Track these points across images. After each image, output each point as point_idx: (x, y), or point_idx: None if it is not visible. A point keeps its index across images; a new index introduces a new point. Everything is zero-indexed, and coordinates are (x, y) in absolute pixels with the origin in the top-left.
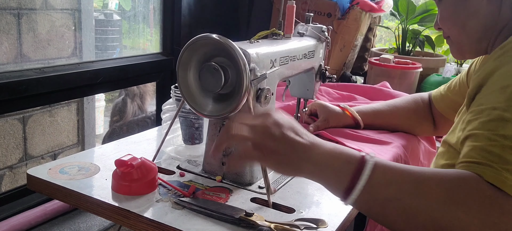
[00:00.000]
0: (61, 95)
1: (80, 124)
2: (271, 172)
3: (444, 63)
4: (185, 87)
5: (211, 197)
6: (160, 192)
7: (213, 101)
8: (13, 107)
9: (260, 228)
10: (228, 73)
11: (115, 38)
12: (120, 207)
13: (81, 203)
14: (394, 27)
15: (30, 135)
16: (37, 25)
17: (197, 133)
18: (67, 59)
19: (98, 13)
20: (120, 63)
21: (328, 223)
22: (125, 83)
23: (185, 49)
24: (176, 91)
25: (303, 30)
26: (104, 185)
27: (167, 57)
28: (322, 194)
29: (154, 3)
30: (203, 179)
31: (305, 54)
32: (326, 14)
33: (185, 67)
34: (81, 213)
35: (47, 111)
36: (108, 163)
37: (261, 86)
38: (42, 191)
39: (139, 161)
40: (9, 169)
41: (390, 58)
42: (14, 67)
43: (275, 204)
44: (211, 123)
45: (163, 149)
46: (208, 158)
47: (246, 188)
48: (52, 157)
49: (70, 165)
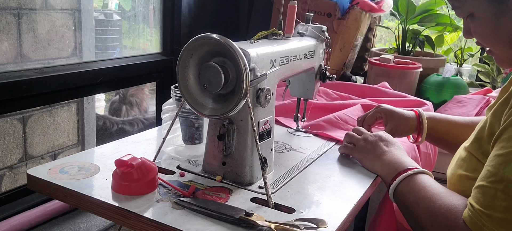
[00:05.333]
0: (61, 95)
1: (80, 124)
2: (271, 173)
3: (444, 63)
4: (185, 87)
5: (211, 197)
6: (160, 192)
7: (213, 101)
8: (13, 107)
9: (260, 228)
10: (228, 73)
11: (115, 38)
12: (120, 207)
13: (81, 203)
14: (394, 27)
15: (30, 135)
16: (37, 25)
17: (197, 133)
18: (67, 59)
19: (98, 13)
20: (120, 63)
21: (328, 223)
22: (125, 83)
23: (185, 49)
24: (176, 91)
25: (303, 30)
26: (104, 185)
27: (167, 57)
28: (322, 194)
29: (154, 3)
30: (203, 179)
31: (305, 54)
32: (326, 14)
33: (185, 67)
34: (81, 213)
35: (47, 111)
36: (108, 163)
37: (261, 86)
38: (42, 191)
39: (139, 161)
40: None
41: (390, 58)
42: (14, 67)
43: (275, 204)
44: (211, 123)
45: (163, 149)
46: (208, 158)
47: (246, 188)
48: (52, 157)
49: (70, 165)
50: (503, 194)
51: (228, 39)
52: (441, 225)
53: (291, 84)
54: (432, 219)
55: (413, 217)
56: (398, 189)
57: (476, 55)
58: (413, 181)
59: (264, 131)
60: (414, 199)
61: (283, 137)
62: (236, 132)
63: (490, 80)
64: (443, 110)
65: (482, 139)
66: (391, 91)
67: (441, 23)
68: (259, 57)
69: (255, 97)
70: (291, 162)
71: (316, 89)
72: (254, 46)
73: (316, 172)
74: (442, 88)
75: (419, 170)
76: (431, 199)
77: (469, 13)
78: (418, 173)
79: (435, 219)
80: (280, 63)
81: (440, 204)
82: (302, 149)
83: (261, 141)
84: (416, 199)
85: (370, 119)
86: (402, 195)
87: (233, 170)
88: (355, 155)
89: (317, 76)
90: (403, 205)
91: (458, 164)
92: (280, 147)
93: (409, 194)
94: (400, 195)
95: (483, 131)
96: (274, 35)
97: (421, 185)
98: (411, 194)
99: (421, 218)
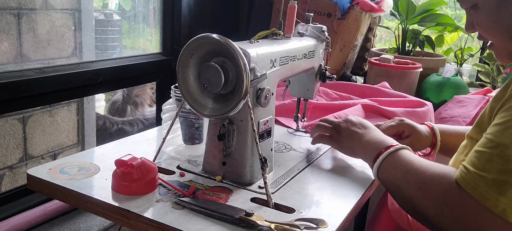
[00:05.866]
0: (61, 95)
1: (80, 124)
2: (271, 173)
3: (444, 63)
4: (185, 87)
5: (211, 197)
6: (160, 192)
7: (213, 101)
8: (13, 107)
9: (260, 228)
10: (228, 73)
11: (115, 38)
12: (120, 207)
13: (81, 203)
14: (394, 27)
15: (30, 135)
16: (37, 25)
17: (197, 133)
18: (67, 59)
19: (98, 13)
20: (120, 63)
21: (328, 223)
22: (125, 83)
23: (185, 49)
24: (176, 91)
25: (303, 30)
26: (104, 185)
27: (167, 57)
28: (322, 194)
29: (154, 3)
30: (203, 179)
31: (305, 54)
32: (326, 14)
33: (185, 67)
34: (81, 213)
35: (47, 111)
36: (108, 163)
37: (261, 86)
38: (42, 191)
39: (139, 161)
40: (9, 169)
41: (390, 58)
42: (14, 67)
43: (275, 204)
44: (211, 123)
45: (163, 149)
46: (208, 158)
47: (246, 188)
48: (52, 157)
49: (70, 165)
50: (498, 158)
51: (228, 39)
52: (433, 193)
53: (291, 84)
54: (423, 190)
55: (401, 192)
56: (382, 166)
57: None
58: (397, 156)
59: (264, 131)
60: (401, 173)
61: (283, 137)
62: (236, 132)
63: (490, 80)
64: (443, 110)
65: (483, 122)
66: (391, 92)
67: (441, 23)
68: (259, 57)
69: (255, 97)
70: (291, 162)
71: (316, 89)
72: (254, 46)
73: (316, 172)
74: (442, 88)
75: (400, 146)
76: (419, 170)
77: (473, 4)
78: (401, 149)
79: (427, 189)
80: (280, 63)
81: (430, 173)
82: (302, 149)
83: (261, 141)
84: (403, 173)
85: (392, 130)
86: (388, 171)
87: (233, 170)
88: (333, 145)
89: (317, 76)
90: (389, 182)
91: (460, 151)
92: (280, 147)
93: (396, 170)
94: (386, 171)
95: (483, 116)
96: (274, 35)
97: (406, 159)
98: (397, 169)
99: (411, 191)
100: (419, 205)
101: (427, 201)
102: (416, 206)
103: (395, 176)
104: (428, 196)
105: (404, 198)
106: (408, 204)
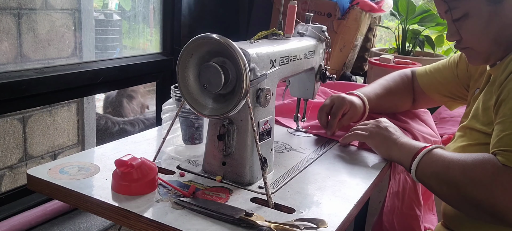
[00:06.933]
0: (61, 95)
1: (80, 124)
2: (271, 173)
3: None
4: (185, 87)
5: (211, 197)
6: (160, 192)
7: (213, 101)
8: (13, 107)
9: (260, 228)
10: (228, 73)
11: (115, 38)
12: (120, 207)
13: (81, 203)
14: (394, 27)
15: (30, 135)
16: (37, 25)
17: (197, 133)
18: (67, 59)
19: (98, 13)
20: (120, 63)
21: (328, 223)
22: (125, 83)
23: (185, 49)
24: (176, 91)
25: (303, 30)
26: (104, 185)
27: (167, 57)
28: (322, 194)
29: (154, 3)
30: (203, 179)
31: (305, 54)
32: (326, 14)
33: (185, 67)
34: (81, 213)
35: (47, 111)
36: (108, 163)
37: (261, 86)
38: (42, 191)
39: (139, 161)
40: (9, 169)
41: (390, 58)
42: (14, 67)
43: (275, 204)
44: (211, 123)
45: (163, 149)
46: (208, 158)
47: (246, 188)
48: (52, 157)
49: (70, 165)
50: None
51: (228, 39)
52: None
53: (291, 84)
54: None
55: (446, 182)
56: (421, 163)
57: None
58: (434, 153)
59: (264, 131)
60: (442, 165)
61: (283, 137)
62: (236, 132)
63: None
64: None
65: (478, 115)
66: None
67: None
68: (259, 57)
69: (255, 97)
70: (291, 162)
71: (316, 89)
72: (254, 46)
73: (316, 172)
74: None
75: (436, 146)
76: (460, 160)
77: (464, 13)
78: (437, 148)
79: (472, 175)
80: (280, 63)
81: (471, 161)
82: (302, 149)
83: (261, 141)
84: (445, 164)
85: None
86: (429, 166)
87: (233, 170)
88: (369, 142)
89: (317, 76)
90: (431, 175)
91: (459, 140)
92: (280, 147)
93: (436, 163)
94: (426, 167)
95: (477, 110)
96: (274, 35)
97: (445, 154)
98: (438, 163)
99: (456, 178)
100: (467, 191)
101: (476, 186)
102: (465, 193)
103: (436, 169)
104: (475, 182)
105: (450, 186)
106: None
